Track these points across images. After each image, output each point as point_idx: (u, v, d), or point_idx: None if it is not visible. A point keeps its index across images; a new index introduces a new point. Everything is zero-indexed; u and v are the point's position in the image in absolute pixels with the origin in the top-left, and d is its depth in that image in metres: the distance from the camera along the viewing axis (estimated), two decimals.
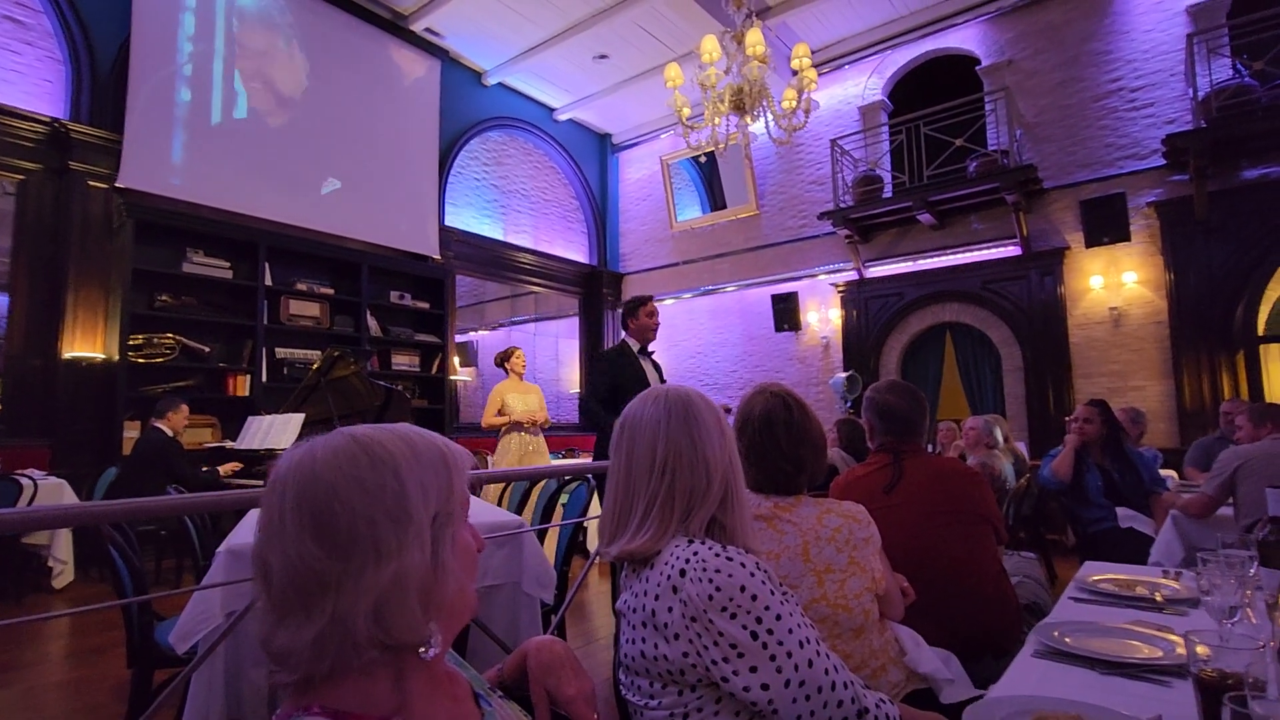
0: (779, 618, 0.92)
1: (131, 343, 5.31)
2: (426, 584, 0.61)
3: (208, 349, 5.75)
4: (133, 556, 1.79)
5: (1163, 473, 3.90)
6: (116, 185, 5.35)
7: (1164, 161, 6.03)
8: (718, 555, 0.94)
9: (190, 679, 1.58)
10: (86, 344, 5.22)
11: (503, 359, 5.21)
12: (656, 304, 3.91)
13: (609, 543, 1.06)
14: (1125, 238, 6.15)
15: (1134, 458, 3.43)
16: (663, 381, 3.80)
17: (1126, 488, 3.33)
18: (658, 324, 3.80)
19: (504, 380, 5.16)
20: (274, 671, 0.59)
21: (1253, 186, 5.71)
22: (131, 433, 5.17)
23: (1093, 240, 6.29)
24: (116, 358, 5.19)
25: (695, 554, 0.95)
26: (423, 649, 0.61)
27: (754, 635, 0.90)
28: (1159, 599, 1.54)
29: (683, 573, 0.94)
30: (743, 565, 0.93)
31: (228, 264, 5.90)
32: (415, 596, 0.60)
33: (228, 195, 5.96)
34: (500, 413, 5.01)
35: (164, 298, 5.56)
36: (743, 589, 0.91)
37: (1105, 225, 6.20)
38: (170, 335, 5.54)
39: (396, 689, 0.61)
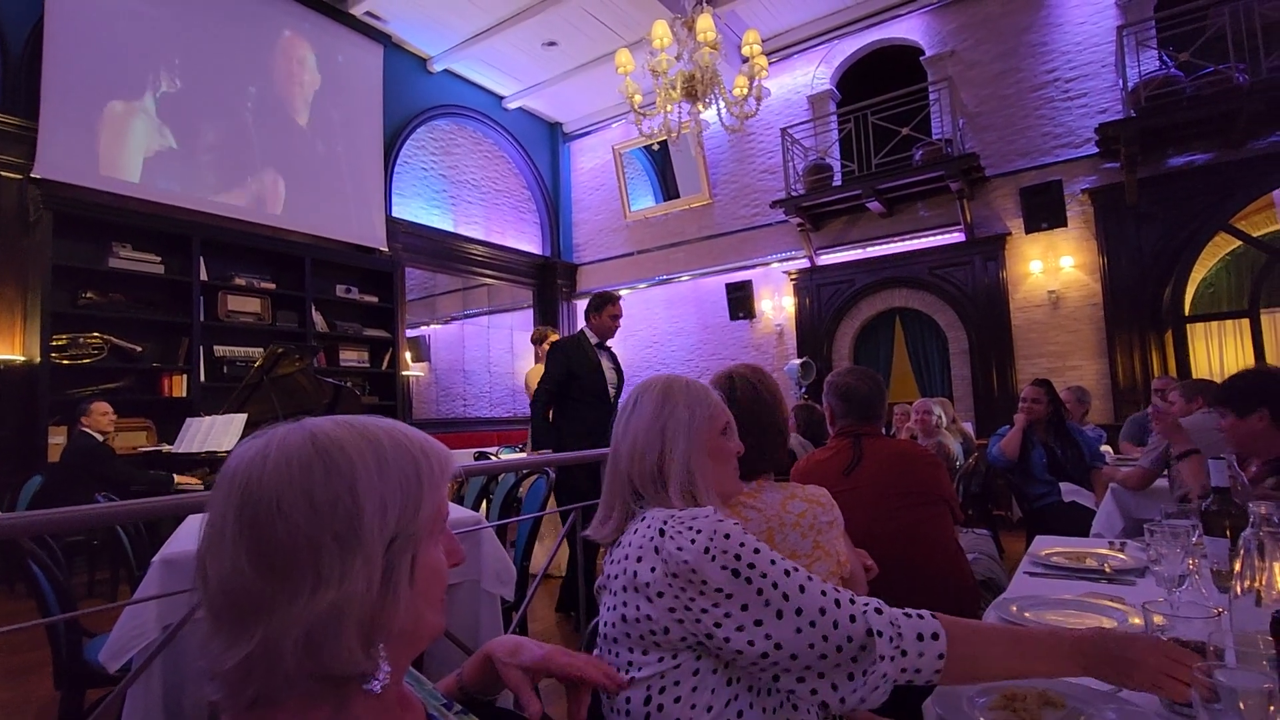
0: (757, 550, 0.90)
1: (55, 343, 5.00)
2: (369, 615, 0.54)
3: (139, 348, 5.45)
4: (56, 571, 1.67)
5: (1101, 448, 4.07)
6: (32, 176, 5.00)
7: (1097, 150, 6.27)
8: (690, 510, 0.97)
9: (125, 697, 1.48)
10: (3, 345, 4.88)
11: (540, 339, 4.92)
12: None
13: (594, 527, 1.10)
14: (1062, 223, 6.38)
15: (1075, 434, 3.57)
16: (618, 372, 3.87)
17: (1069, 463, 3.46)
18: (618, 325, 3.87)
19: (537, 365, 4.93)
20: (215, 689, 0.54)
21: (1179, 173, 5.99)
22: (58, 438, 4.87)
23: (1032, 226, 6.51)
24: (38, 359, 4.87)
25: (673, 515, 0.96)
26: (366, 683, 0.55)
27: (735, 573, 0.87)
28: (1108, 570, 1.59)
29: (662, 532, 0.94)
30: (715, 511, 0.95)
31: (159, 258, 5.60)
32: (354, 629, 0.53)
33: (157, 186, 5.64)
34: None
35: (89, 295, 5.24)
36: (716, 530, 0.91)
37: (1043, 211, 6.42)
38: (97, 334, 5.23)
39: (337, 718, 0.55)
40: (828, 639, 0.84)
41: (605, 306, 3.81)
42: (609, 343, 3.89)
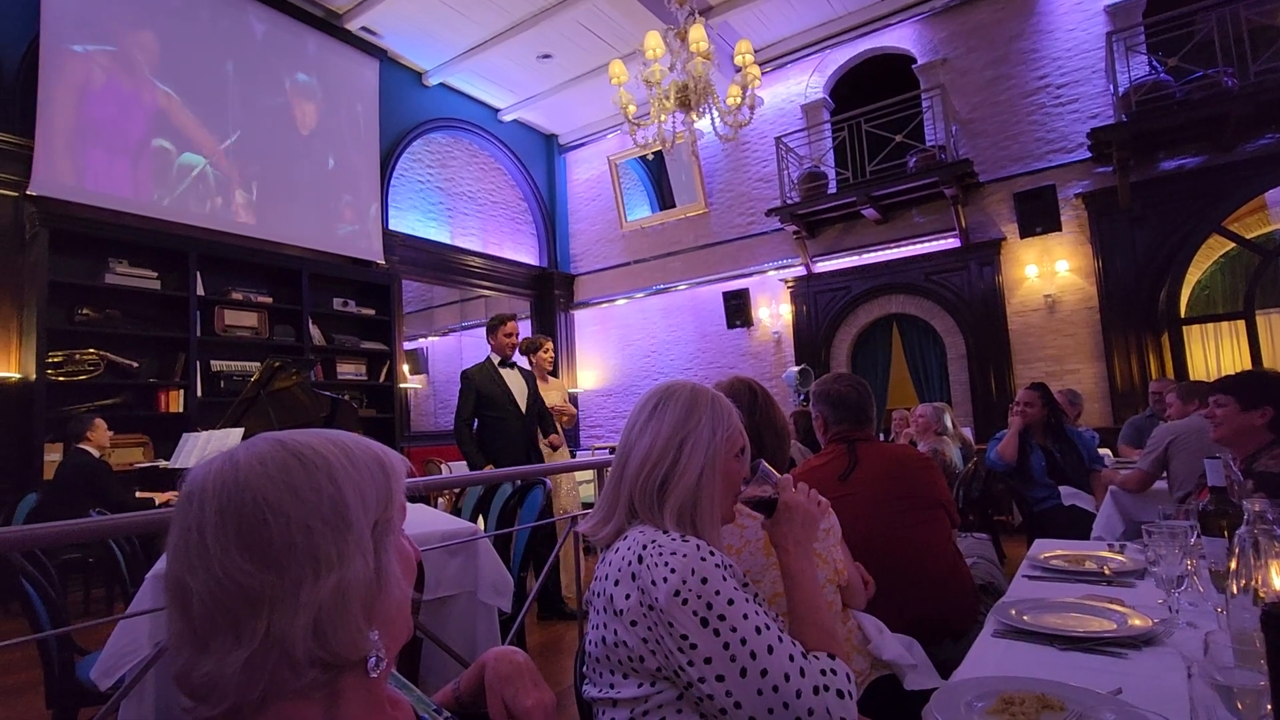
0: (731, 602, 0.88)
1: (50, 360, 4.98)
2: (370, 594, 0.57)
3: (136, 364, 5.44)
4: (48, 587, 1.65)
5: (1099, 451, 4.06)
6: (28, 193, 5.01)
7: (1089, 154, 6.30)
8: (674, 540, 0.94)
9: (118, 710, 1.46)
10: (0, 363, 4.88)
11: (529, 349, 4.69)
12: (517, 323, 4.26)
13: (592, 525, 1.08)
14: (1056, 228, 6.40)
15: (1074, 437, 3.56)
16: (530, 389, 4.09)
17: (1068, 467, 3.45)
18: (514, 343, 4.13)
19: (547, 382, 4.67)
20: (194, 709, 0.53)
21: (1170, 177, 6.02)
22: (54, 455, 4.85)
23: (1026, 231, 6.53)
24: (33, 376, 4.86)
25: (654, 540, 0.94)
26: (371, 661, 0.56)
27: (704, 622, 0.87)
28: (1107, 572, 1.58)
29: (640, 559, 0.92)
30: (697, 548, 0.92)
31: (155, 274, 5.60)
32: (359, 607, 0.55)
33: (153, 202, 5.65)
34: None
35: (85, 311, 5.23)
36: (693, 572, 0.89)
37: (1037, 216, 6.44)
38: (93, 350, 5.22)
39: (330, 715, 0.55)
40: (788, 707, 0.85)
41: (498, 328, 4.09)
42: (516, 360, 4.13)
